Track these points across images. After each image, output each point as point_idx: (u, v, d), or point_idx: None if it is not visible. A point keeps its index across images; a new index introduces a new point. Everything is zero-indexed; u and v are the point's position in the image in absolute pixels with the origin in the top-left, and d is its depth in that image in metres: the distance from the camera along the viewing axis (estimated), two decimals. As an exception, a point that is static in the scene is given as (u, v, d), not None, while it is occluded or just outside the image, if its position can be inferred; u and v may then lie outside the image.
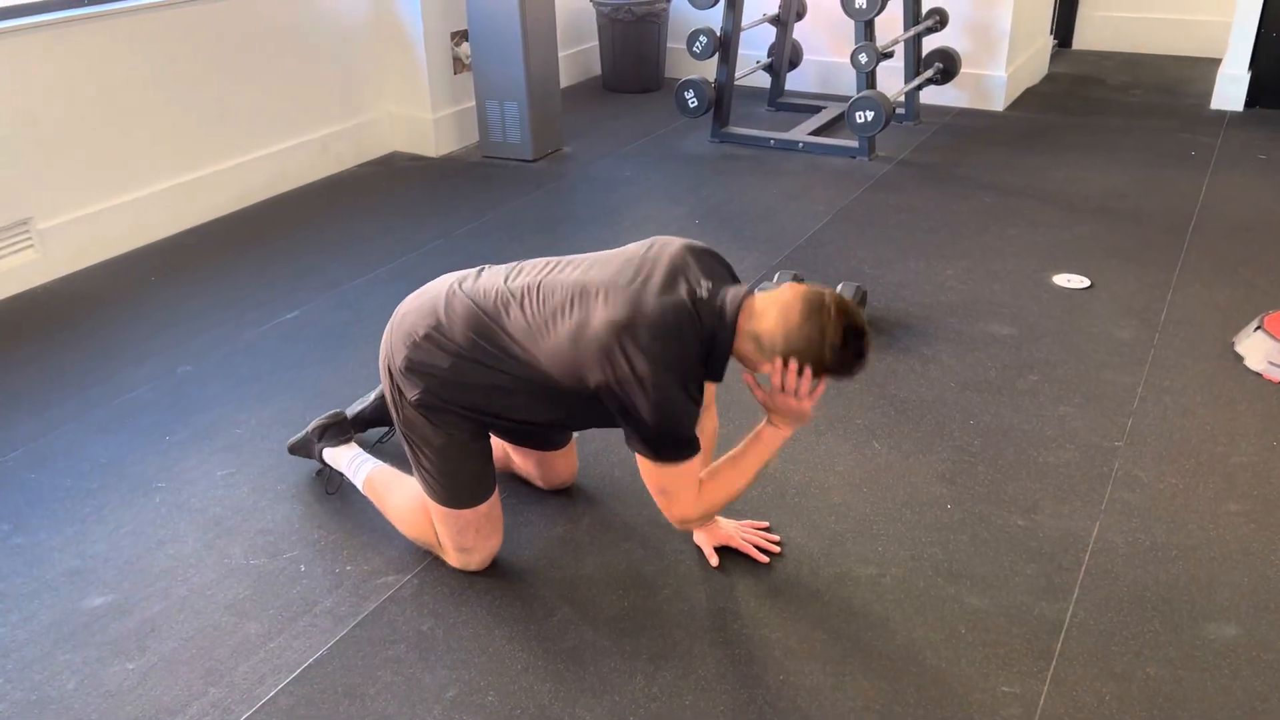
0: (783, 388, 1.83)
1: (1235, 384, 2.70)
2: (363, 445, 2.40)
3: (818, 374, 1.80)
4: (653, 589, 2.03)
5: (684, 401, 1.78)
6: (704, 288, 1.81)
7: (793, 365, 1.79)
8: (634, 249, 1.90)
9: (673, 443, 1.81)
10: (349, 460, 2.27)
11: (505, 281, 1.92)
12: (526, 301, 1.86)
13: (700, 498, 1.89)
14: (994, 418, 2.57)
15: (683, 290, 1.79)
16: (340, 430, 2.33)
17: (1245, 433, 2.49)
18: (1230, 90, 5.09)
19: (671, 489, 1.87)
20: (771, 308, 1.79)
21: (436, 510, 2.02)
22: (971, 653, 1.86)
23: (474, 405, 1.92)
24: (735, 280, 1.92)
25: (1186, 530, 2.16)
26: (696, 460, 1.85)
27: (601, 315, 1.76)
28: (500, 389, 1.89)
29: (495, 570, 2.08)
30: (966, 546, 2.13)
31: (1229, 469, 2.35)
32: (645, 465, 1.86)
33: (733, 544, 2.11)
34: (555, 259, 1.95)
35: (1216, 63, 5.39)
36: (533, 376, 1.85)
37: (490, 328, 1.87)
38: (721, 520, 2.14)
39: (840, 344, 1.76)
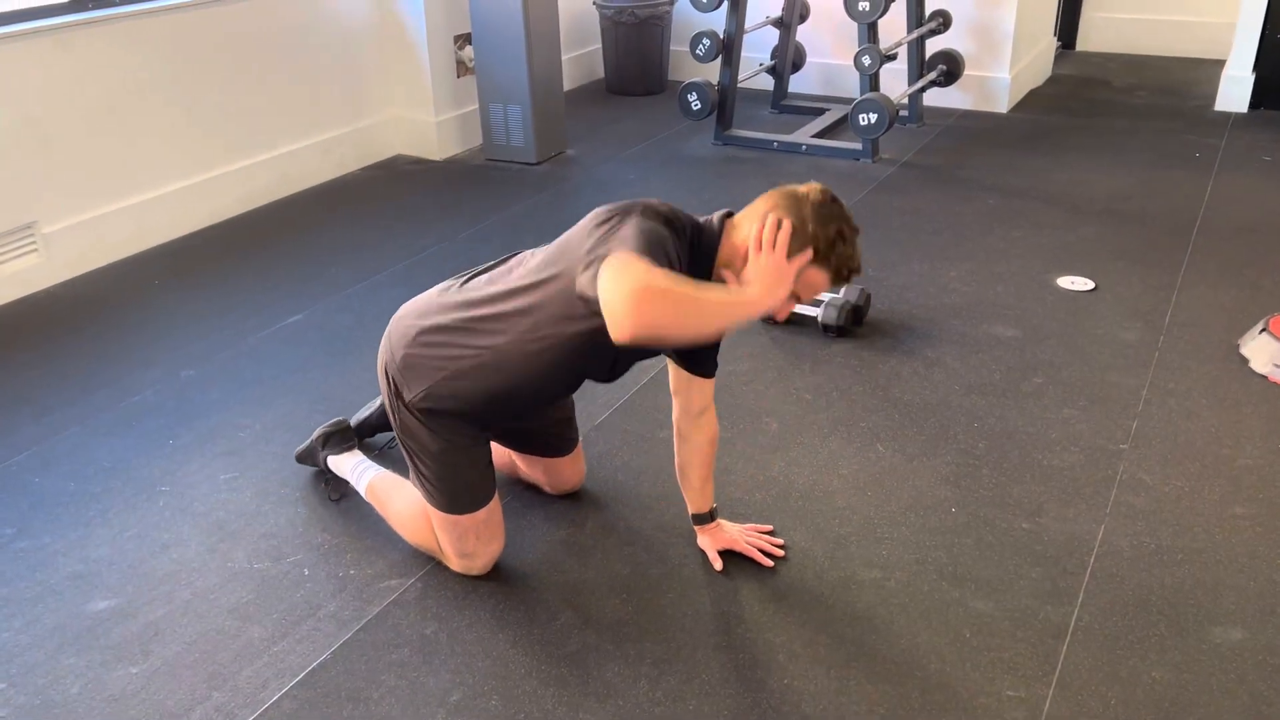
0: (760, 245, 1.73)
1: (1240, 386, 2.69)
2: (369, 450, 2.40)
3: (798, 237, 1.73)
4: (656, 593, 2.03)
5: (668, 236, 1.70)
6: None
7: (772, 218, 1.73)
8: None
9: (648, 243, 1.65)
10: (352, 467, 2.27)
11: (494, 267, 1.97)
12: (516, 269, 1.91)
13: (656, 276, 1.57)
14: (998, 420, 2.56)
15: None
16: (344, 438, 2.33)
17: (1251, 435, 2.48)
18: (1235, 92, 5.08)
19: (633, 262, 1.60)
20: (754, 201, 1.82)
21: (436, 517, 2.02)
22: (976, 657, 1.85)
23: (472, 395, 1.91)
24: None
25: (1192, 534, 2.15)
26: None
27: (584, 219, 1.80)
28: (494, 365, 1.87)
29: (498, 574, 2.08)
30: (971, 550, 2.12)
31: (1234, 472, 2.35)
32: (610, 258, 1.63)
33: (737, 548, 2.10)
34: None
35: (1221, 64, 5.38)
36: (526, 326, 1.83)
37: (480, 301, 1.89)
38: (725, 524, 2.14)
39: (820, 199, 1.75)
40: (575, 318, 1.79)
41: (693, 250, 1.79)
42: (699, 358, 1.98)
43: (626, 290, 1.55)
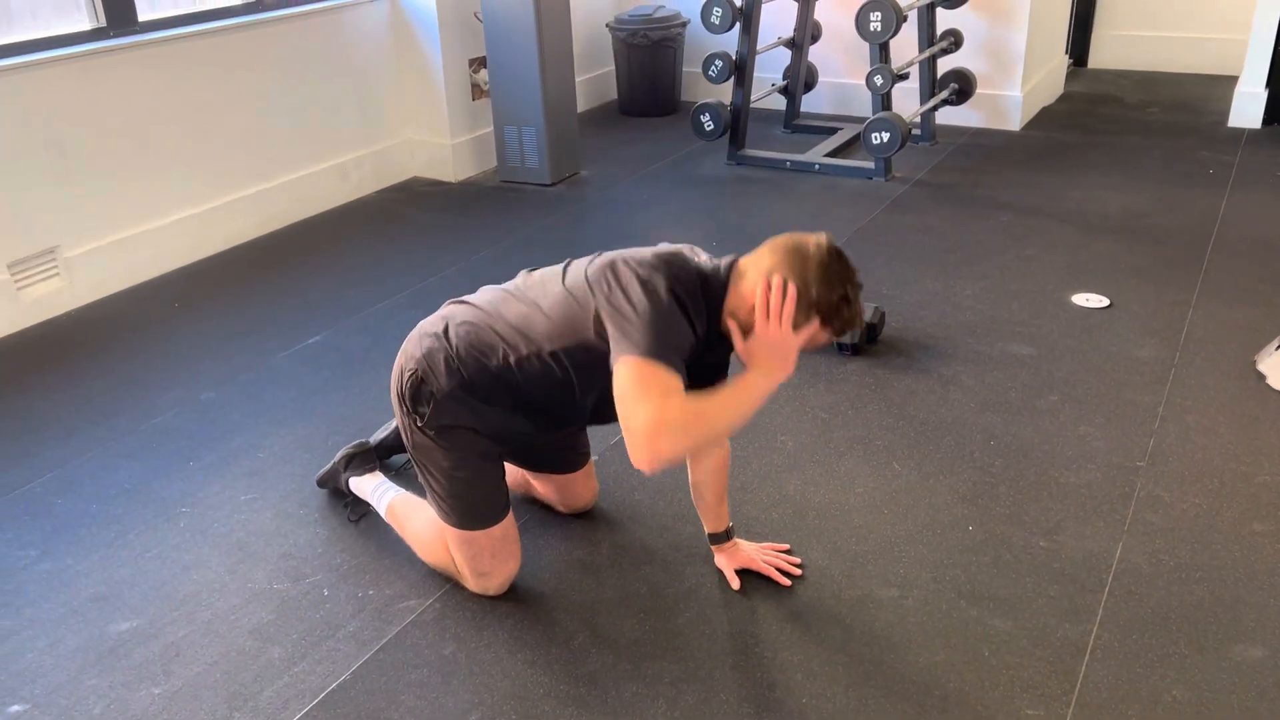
0: (766, 313, 1.71)
1: (1258, 403, 2.68)
2: (387, 471, 2.42)
3: (803, 303, 1.72)
4: (674, 612, 2.03)
5: (676, 311, 1.72)
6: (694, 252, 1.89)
7: (777, 281, 1.70)
8: None
9: (659, 338, 1.68)
10: (373, 488, 2.29)
11: (503, 286, 2.02)
12: (523, 289, 1.96)
13: (670, 409, 1.64)
14: (1014, 438, 2.56)
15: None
16: (365, 459, 2.35)
17: (1269, 452, 2.47)
18: (1248, 108, 5.07)
19: (646, 386, 1.65)
20: (759, 247, 1.82)
21: (451, 534, 2.03)
22: (995, 675, 1.85)
23: (482, 411, 1.92)
24: None
25: (1211, 551, 2.14)
26: (678, 379, 1.68)
27: (596, 260, 1.86)
28: (502, 380, 1.89)
29: (516, 594, 2.09)
30: (989, 568, 2.12)
31: (1253, 489, 2.34)
32: (624, 366, 1.68)
33: (753, 567, 2.11)
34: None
35: (1234, 80, 5.38)
36: (532, 350, 1.87)
37: (488, 319, 1.93)
38: (742, 543, 2.14)
39: (826, 259, 1.72)
40: (579, 342, 1.84)
41: (703, 298, 1.79)
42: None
43: (643, 427, 1.62)
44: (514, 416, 1.97)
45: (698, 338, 1.77)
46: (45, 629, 2.04)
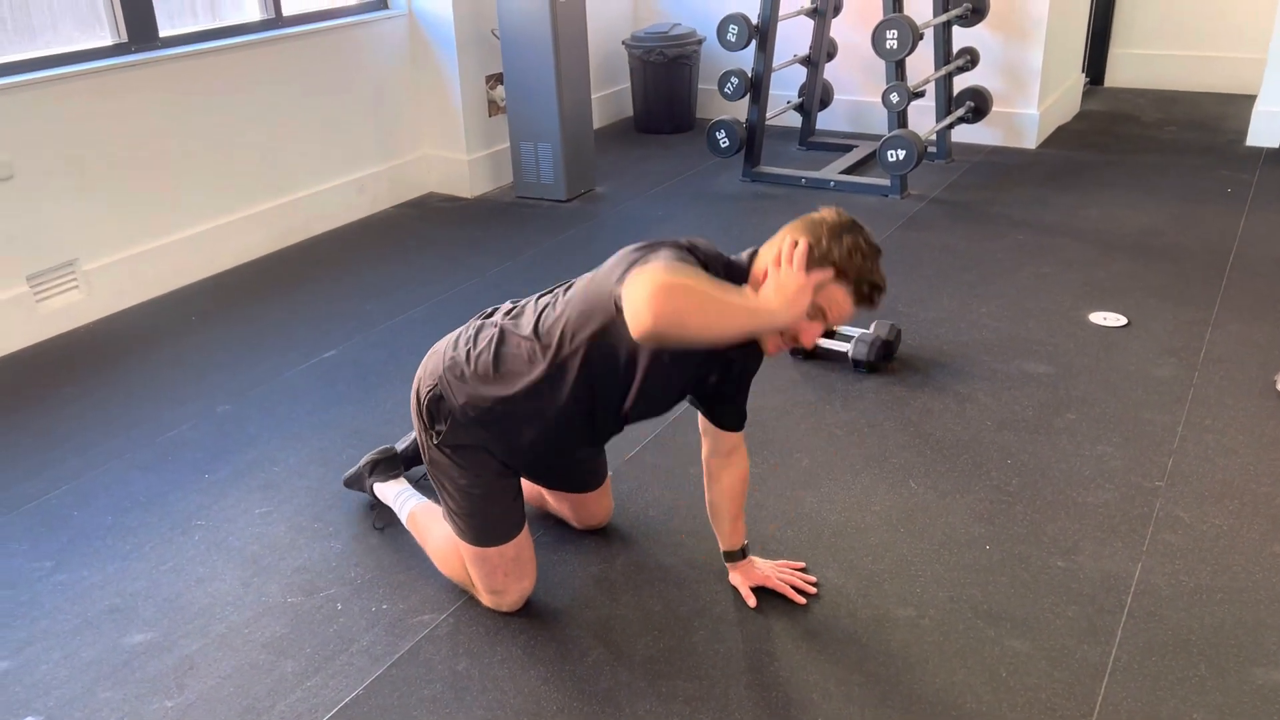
0: (778, 263, 1.73)
1: (1278, 424, 2.66)
2: (410, 481, 2.42)
3: (815, 254, 1.74)
4: (688, 630, 2.02)
5: (697, 263, 1.73)
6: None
7: (789, 239, 1.75)
8: None
9: (677, 261, 1.69)
10: (395, 495, 2.30)
11: (528, 298, 2.02)
12: (546, 301, 1.95)
13: (677, 270, 1.62)
14: (1031, 457, 2.54)
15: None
16: (391, 465, 2.37)
17: (1290, 473, 2.45)
18: (1266, 127, 5.05)
19: (662, 266, 1.63)
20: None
21: (466, 550, 2.03)
22: (1013, 697, 1.83)
23: (498, 433, 1.93)
24: None
25: (1231, 572, 2.12)
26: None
27: (614, 255, 1.81)
28: (520, 397, 1.89)
29: (530, 610, 2.08)
30: (1006, 588, 2.10)
31: (1274, 510, 2.31)
32: (637, 270, 1.66)
33: (769, 585, 2.10)
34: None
35: (1252, 99, 5.36)
36: (556, 357, 1.85)
37: (507, 333, 1.93)
38: (758, 561, 2.13)
39: (836, 221, 1.77)
40: (603, 321, 1.81)
41: (726, 277, 1.81)
42: (723, 412, 2.00)
43: (650, 285, 1.57)
44: (531, 438, 1.96)
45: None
46: (60, 640, 2.04)
